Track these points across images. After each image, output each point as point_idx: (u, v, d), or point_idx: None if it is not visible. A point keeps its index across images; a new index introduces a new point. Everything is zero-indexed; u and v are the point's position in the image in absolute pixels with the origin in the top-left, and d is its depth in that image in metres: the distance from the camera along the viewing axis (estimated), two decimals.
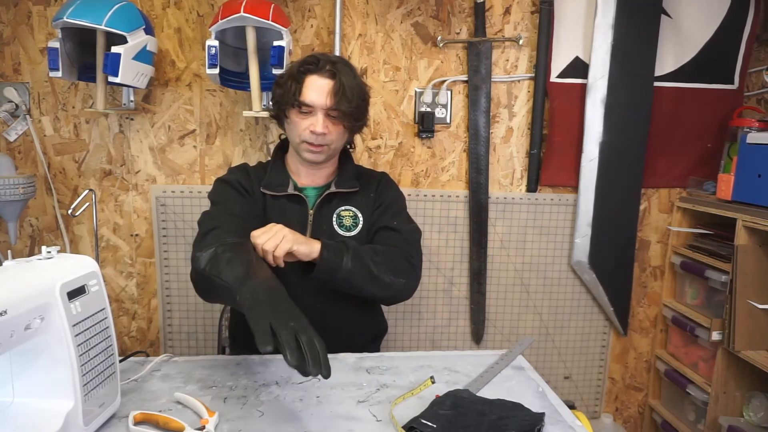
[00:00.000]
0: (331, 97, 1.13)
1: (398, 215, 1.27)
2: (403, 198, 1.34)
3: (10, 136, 1.68)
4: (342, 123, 1.17)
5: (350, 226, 1.24)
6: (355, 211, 1.25)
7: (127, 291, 1.81)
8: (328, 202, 1.23)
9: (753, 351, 1.58)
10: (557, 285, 1.95)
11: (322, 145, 1.17)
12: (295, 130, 1.18)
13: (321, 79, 1.14)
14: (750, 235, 1.58)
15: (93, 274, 0.79)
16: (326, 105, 1.14)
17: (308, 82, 1.14)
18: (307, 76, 1.15)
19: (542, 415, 0.84)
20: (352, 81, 1.15)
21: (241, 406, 0.88)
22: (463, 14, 1.77)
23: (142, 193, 1.76)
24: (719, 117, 1.87)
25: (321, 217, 1.22)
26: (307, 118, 1.15)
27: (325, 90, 1.13)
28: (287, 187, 1.23)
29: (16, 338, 0.66)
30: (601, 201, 1.84)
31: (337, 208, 1.24)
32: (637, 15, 1.74)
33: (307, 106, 1.14)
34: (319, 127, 1.14)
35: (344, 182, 1.26)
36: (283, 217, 1.19)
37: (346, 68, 1.16)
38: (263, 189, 1.22)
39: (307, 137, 1.16)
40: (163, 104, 1.72)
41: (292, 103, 1.15)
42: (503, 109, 1.84)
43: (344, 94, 1.13)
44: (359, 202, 1.26)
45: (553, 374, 2.01)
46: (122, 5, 1.43)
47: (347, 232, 1.23)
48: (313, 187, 1.27)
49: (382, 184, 1.31)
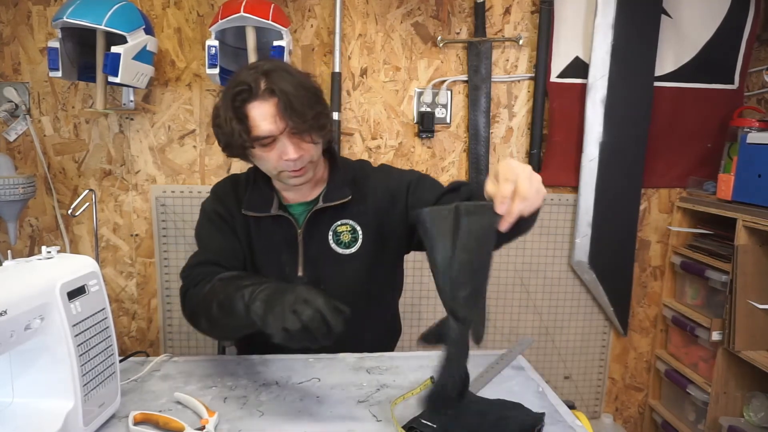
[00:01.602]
0: (281, 117, 0.95)
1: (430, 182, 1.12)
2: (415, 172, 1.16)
3: (10, 136, 1.68)
4: (310, 138, 1.00)
5: (349, 242, 1.10)
6: (353, 225, 1.10)
7: (127, 291, 1.81)
8: (319, 218, 1.09)
9: (753, 351, 1.58)
10: (557, 285, 1.95)
11: (303, 166, 1.02)
12: (267, 164, 1.02)
13: (263, 104, 0.96)
14: (750, 235, 1.58)
15: (93, 274, 0.79)
16: (282, 129, 0.96)
17: (252, 114, 0.96)
18: (246, 106, 0.97)
19: (542, 415, 0.84)
20: (295, 87, 0.97)
21: (241, 406, 0.88)
22: (463, 14, 1.77)
23: (142, 193, 1.75)
24: (719, 117, 1.87)
25: (312, 238, 1.09)
26: (273, 147, 0.99)
27: (272, 113, 0.96)
28: (270, 206, 1.08)
29: (16, 338, 0.66)
30: (601, 201, 1.84)
31: (332, 224, 1.09)
32: (637, 15, 1.74)
33: (265, 137, 0.97)
34: (291, 153, 0.98)
35: (334, 193, 1.09)
36: (270, 240, 1.09)
37: (280, 75, 0.97)
38: (244, 211, 1.09)
39: (284, 166, 1.00)
40: (163, 104, 1.72)
41: (245, 145, 0.98)
42: (503, 109, 1.84)
43: (294, 110, 0.95)
44: (356, 213, 1.10)
45: (553, 374, 2.01)
46: (122, 5, 1.43)
47: (346, 250, 1.10)
48: (299, 204, 1.11)
49: (387, 181, 1.13)
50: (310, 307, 0.76)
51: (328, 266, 1.09)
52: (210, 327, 1.01)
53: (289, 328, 0.75)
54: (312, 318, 0.75)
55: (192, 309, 1.02)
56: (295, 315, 0.76)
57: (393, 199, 1.11)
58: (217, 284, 0.97)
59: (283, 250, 1.08)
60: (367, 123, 1.79)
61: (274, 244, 1.08)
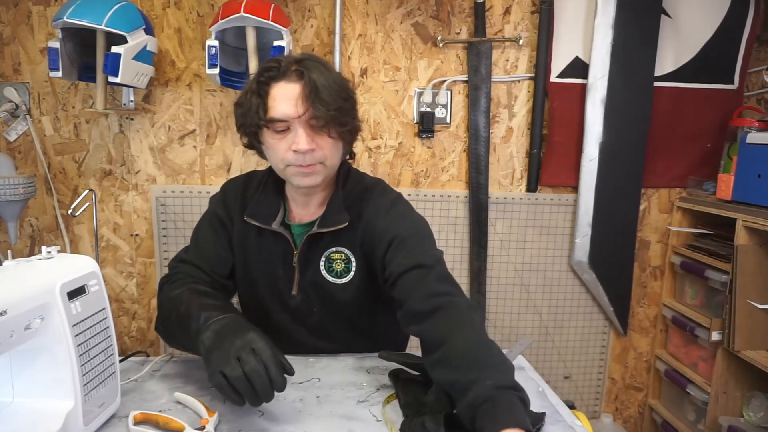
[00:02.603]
0: (303, 102, 0.90)
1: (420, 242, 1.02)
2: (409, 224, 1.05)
3: (10, 136, 1.68)
4: (326, 131, 0.93)
5: (341, 271, 1.04)
6: (347, 254, 1.03)
7: (127, 291, 1.81)
8: (314, 242, 1.03)
9: (753, 351, 1.58)
10: (557, 285, 1.95)
11: (312, 164, 0.94)
12: (275, 155, 0.96)
13: (288, 85, 0.92)
14: (750, 235, 1.58)
15: (93, 274, 0.79)
16: (300, 113, 0.91)
17: (273, 93, 0.92)
18: (270, 85, 0.93)
19: (542, 415, 0.84)
20: (327, 78, 0.92)
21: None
22: (463, 14, 1.77)
23: (142, 193, 1.76)
24: (719, 117, 1.87)
25: (307, 262, 1.04)
26: (285, 136, 0.93)
27: (295, 96, 0.90)
28: (273, 220, 1.03)
29: (16, 338, 0.66)
30: (601, 201, 1.84)
31: (326, 250, 1.03)
32: (637, 15, 1.74)
33: (279, 121, 0.92)
34: (303, 143, 0.91)
35: (330, 218, 1.01)
36: (269, 254, 1.05)
37: (315, 64, 0.94)
38: (247, 218, 1.03)
39: (292, 159, 0.93)
40: (163, 104, 1.72)
41: (259, 123, 0.93)
42: (503, 109, 1.84)
43: (318, 96, 0.90)
44: (351, 240, 1.03)
45: (553, 374, 2.01)
46: (122, 5, 1.43)
47: (337, 279, 1.04)
48: (300, 225, 1.05)
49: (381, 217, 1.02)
50: (255, 357, 0.74)
51: (320, 292, 1.05)
52: (165, 331, 0.99)
53: (227, 374, 0.73)
54: (254, 370, 0.73)
55: (159, 304, 1.02)
56: (239, 362, 0.74)
57: (375, 242, 1.01)
58: (185, 294, 0.95)
59: (279, 266, 1.05)
60: (367, 123, 1.79)
61: (271, 259, 1.05)
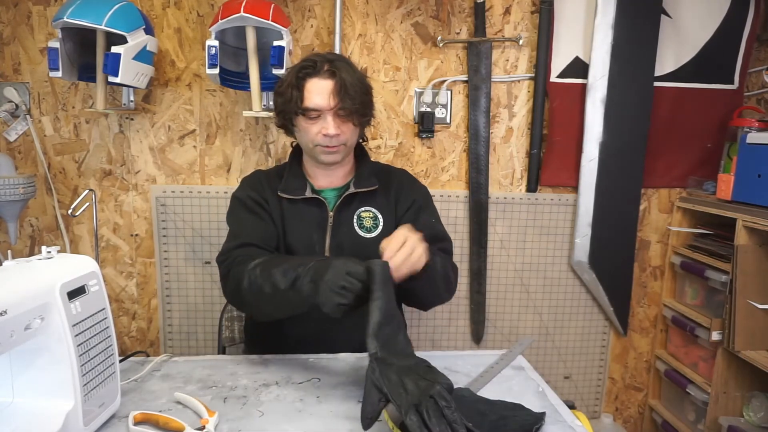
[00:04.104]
0: (335, 96, 1.12)
1: (434, 215, 1.27)
2: (426, 192, 1.32)
3: (10, 136, 1.68)
4: (351, 120, 1.16)
5: (371, 227, 1.22)
6: (375, 212, 1.23)
7: (127, 291, 1.81)
8: (348, 203, 1.22)
9: (753, 351, 1.58)
10: (557, 285, 1.95)
11: (337, 145, 1.16)
12: (306, 136, 1.17)
13: (322, 81, 1.13)
14: (750, 235, 1.58)
15: (93, 274, 0.79)
16: (331, 105, 1.13)
17: (309, 86, 1.13)
18: (306, 80, 1.14)
19: (542, 414, 0.84)
20: (353, 77, 1.14)
21: (241, 406, 0.88)
22: (463, 14, 1.77)
23: (142, 193, 1.76)
24: (719, 117, 1.87)
25: (341, 220, 1.21)
26: (316, 122, 1.15)
27: (328, 91, 1.12)
28: (305, 190, 1.21)
29: (16, 338, 0.66)
30: (601, 201, 1.84)
31: (357, 209, 1.22)
32: (637, 15, 1.74)
33: (313, 110, 1.13)
34: (331, 129, 1.13)
35: (363, 181, 1.23)
36: (302, 221, 1.20)
37: (344, 65, 1.16)
38: (281, 193, 1.21)
39: (321, 141, 1.15)
40: (163, 104, 1.72)
41: (297, 111, 1.15)
42: (503, 109, 1.84)
43: (347, 92, 1.12)
44: (379, 203, 1.24)
45: (553, 374, 2.01)
46: (122, 5, 1.43)
47: (368, 233, 1.21)
48: (331, 189, 1.25)
49: (405, 183, 1.29)
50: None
51: (352, 249, 1.18)
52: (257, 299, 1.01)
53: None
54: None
55: (237, 285, 1.04)
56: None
57: (404, 199, 1.26)
58: (264, 262, 1.01)
59: (314, 230, 1.19)
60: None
61: (305, 225, 1.19)
